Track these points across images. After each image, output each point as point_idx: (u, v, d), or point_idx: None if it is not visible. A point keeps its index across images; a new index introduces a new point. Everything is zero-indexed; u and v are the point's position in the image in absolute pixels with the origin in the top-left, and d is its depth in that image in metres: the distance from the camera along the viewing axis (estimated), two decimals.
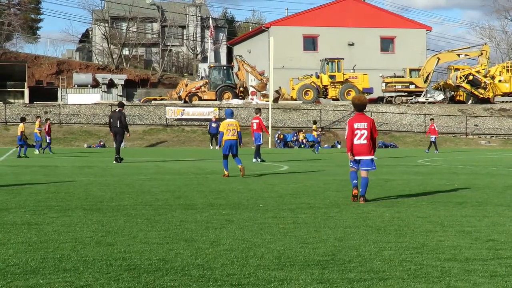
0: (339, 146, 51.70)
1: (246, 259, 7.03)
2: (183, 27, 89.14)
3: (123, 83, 72.65)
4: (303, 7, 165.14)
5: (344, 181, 17.30)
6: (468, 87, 62.55)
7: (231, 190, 14.58)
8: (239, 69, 62.00)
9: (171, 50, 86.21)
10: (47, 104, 58.42)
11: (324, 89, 60.73)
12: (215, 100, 58.74)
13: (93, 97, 67.26)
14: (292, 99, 60.97)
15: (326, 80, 60.17)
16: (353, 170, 12.60)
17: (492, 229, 9.20)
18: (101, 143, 49.05)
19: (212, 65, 65.23)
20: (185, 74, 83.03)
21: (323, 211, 11.09)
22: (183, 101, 59.90)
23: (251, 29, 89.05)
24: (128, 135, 27.22)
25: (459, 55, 65.11)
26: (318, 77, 60.86)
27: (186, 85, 61.77)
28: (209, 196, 13.29)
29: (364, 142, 12.44)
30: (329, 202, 12.46)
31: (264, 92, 60.99)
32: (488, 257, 7.23)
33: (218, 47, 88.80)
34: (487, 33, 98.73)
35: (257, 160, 27.56)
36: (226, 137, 18.77)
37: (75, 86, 71.69)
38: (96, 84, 72.07)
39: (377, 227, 9.30)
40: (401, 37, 71.96)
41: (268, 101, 54.69)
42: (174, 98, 62.36)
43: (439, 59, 63.95)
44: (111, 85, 72.03)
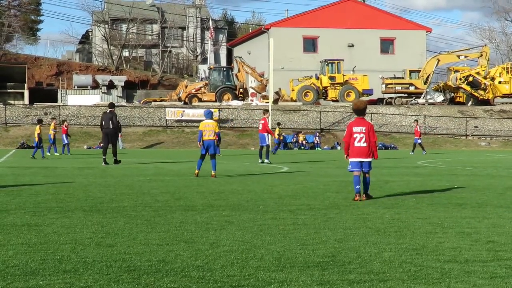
0: (338, 148, 51.69)
1: (246, 260, 7.04)
2: (183, 28, 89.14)
3: (123, 84, 72.65)
4: (303, 8, 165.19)
5: (344, 182, 17.30)
6: (468, 88, 62.62)
7: (231, 192, 14.58)
8: (239, 71, 62.02)
9: (171, 52, 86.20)
10: (47, 105, 58.43)
11: (324, 91, 60.76)
12: (215, 101, 58.76)
13: (93, 98, 67.27)
14: (292, 100, 60.99)
15: (326, 81, 60.20)
16: (357, 174, 13.01)
17: (492, 231, 9.20)
18: (101, 144, 48.95)
19: (212, 67, 65.24)
20: (185, 76, 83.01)
21: (323, 212, 11.09)
22: (183, 102, 59.90)
23: (251, 31, 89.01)
24: (120, 135, 26.52)
25: (459, 56, 65.16)
26: (318, 78, 60.89)
27: (186, 87, 61.78)
28: (209, 197, 13.29)
29: (364, 145, 12.98)
30: (329, 203, 12.47)
31: (264, 93, 61.00)
32: (488, 259, 7.23)
33: (218, 48, 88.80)
34: (487, 34, 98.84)
35: (269, 161, 27.49)
36: (205, 137, 19.06)
37: (75, 87, 71.69)
38: (96, 86, 72.07)
39: (377, 229, 9.30)
40: (401, 38, 71.98)
41: (268, 102, 54.67)
42: (174, 99, 62.38)
43: (439, 60, 63.99)
44: (111, 86, 72.03)
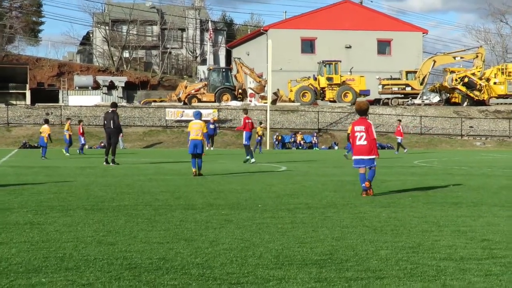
0: (336, 147, 51.74)
1: (245, 258, 7.05)
2: (183, 30, 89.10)
3: (123, 85, 72.58)
4: (301, 10, 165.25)
5: (341, 181, 17.33)
6: (464, 89, 62.65)
7: (230, 191, 14.59)
8: (237, 71, 62.01)
9: (170, 53, 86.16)
10: (48, 105, 58.44)
11: (321, 91, 60.77)
12: (214, 102, 58.75)
13: (94, 99, 67.23)
14: (290, 101, 60.99)
15: (323, 82, 60.20)
16: (362, 172, 13.60)
17: (487, 229, 9.22)
18: (102, 144, 48.98)
19: (211, 68, 65.24)
20: (185, 76, 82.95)
21: (320, 211, 11.10)
22: (182, 103, 59.90)
23: (249, 32, 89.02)
24: (121, 135, 26.34)
25: (454, 57, 65.18)
26: (315, 79, 60.91)
27: (186, 87, 61.79)
28: (208, 197, 13.30)
29: (364, 143, 13.57)
30: (327, 202, 12.48)
31: (262, 94, 61.00)
32: (483, 257, 7.25)
33: (217, 49, 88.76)
34: (482, 36, 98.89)
35: (254, 160, 27.32)
36: (191, 137, 19.47)
37: (76, 88, 71.63)
38: (96, 86, 72.01)
39: (373, 227, 9.31)
40: (397, 39, 71.98)
41: (266, 103, 54.72)
42: (173, 100, 62.36)
43: (435, 61, 64.00)
44: (111, 87, 71.97)
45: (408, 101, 62.65)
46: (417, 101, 62.53)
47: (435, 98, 63.60)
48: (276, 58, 59.80)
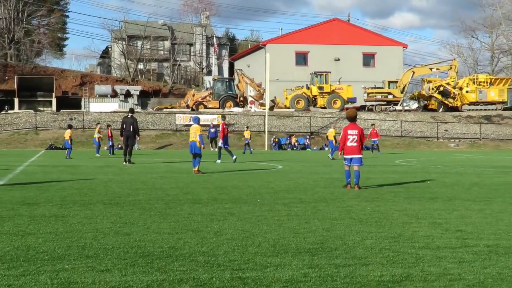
0: (326, 149, 51.66)
1: (246, 247, 7.03)
2: (191, 44, 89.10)
3: (138, 93, 72.55)
4: (295, 27, 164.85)
5: (330, 179, 17.31)
6: (439, 97, 62.66)
7: (232, 187, 14.56)
8: (239, 81, 62.01)
9: (180, 65, 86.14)
10: (72, 111, 58.43)
11: (313, 99, 60.77)
12: (219, 108, 58.75)
13: (112, 105, 67.20)
14: (286, 107, 61.01)
15: (315, 91, 60.22)
16: (347, 168, 14.37)
17: (460, 221, 9.20)
18: (119, 146, 48.93)
19: (216, 78, 65.25)
20: (192, 86, 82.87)
21: (312, 205, 11.08)
22: (190, 109, 59.88)
23: (250, 46, 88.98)
24: (138, 138, 26.28)
25: (431, 69, 65.15)
26: (308, 88, 60.92)
27: (193, 95, 61.78)
28: (213, 192, 13.27)
29: (354, 144, 14.25)
30: (318, 197, 12.45)
31: (261, 101, 60.99)
32: (457, 246, 7.23)
33: (221, 62, 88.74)
34: (455, 49, 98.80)
35: (220, 161, 27.35)
36: (190, 139, 20.18)
37: (96, 96, 71.58)
38: (114, 94, 71.96)
39: (359, 219, 9.29)
40: (380, 53, 71.96)
41: (264, 109, 54.75)
42: (182, 106, 62.31)
43: (414, 72, 63.98)
44: (128, 95, 71.92)
45: (390, 107, 62.64)
46: (398, 107, 62.51)
47: (414, 105, 63.59)
48: (273, 69, 59.79)
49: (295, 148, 51.84)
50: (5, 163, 25.16)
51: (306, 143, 52.66)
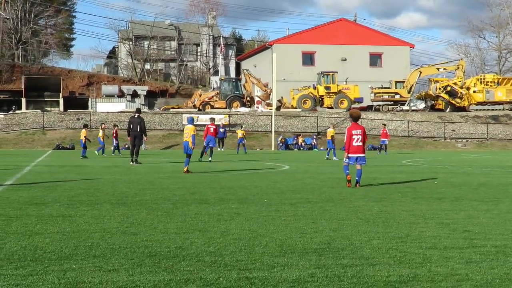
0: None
1: (253, 247, 7.03)
2: (197, 44, 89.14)
3: (145, 93, 72.65)
4: (302, 27, 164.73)
5: (338, 179, 17.28)
6: (446, 97, 62.50)
7: (239, 187, 14.56)
8: (246, 81, 62.02)
9: (187, 65, 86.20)
10: (79, 112, 58.57)
11: (320, 99, 60.74)
12: (225, 108, 58.79)
13: (119, 105, 67.34)
14: (292, 107, 60.98)
15: (322, 91, 60.20)
16: (345, 165, 14.90)
17: (468, 221, 9.17)
18: (126, 146, 49.03)
19: (222, 78, 65.29)
20: (199, 86, 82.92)
21: (319, 205, 11.07)
22: (197, 109, 59.92)
23: (256, 47, 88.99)
24: (145, 138, 26.16)
25: (438, 69, 65.01)
26: (315, 88, 60.90)
27: (200, 95, 61.83)
28: (220, 192, 13.28)
29: (360, 144, 14.69)
30: (325, 197, 12.44)
31: (268, 101, 60.99)
32: (464, 246, 7.21)
33: (228, 62, 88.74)
34: (463, 49, 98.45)
35: (211, 159, 27.91)
36: (184, 139, 20.63)
37: (103, 96, 71.74)
38: (121, 95, 72.09)
39: (366, 219, 9.28)
40: (387, 53, 71.84)
41: (271, 109, 54.72)
42: (189, 106, 62.37)
43: (421, 72, 63.87)
44: (134, 95, 72.04)
45: (397, 107, 62.52)
46: (405, 107, 62.39)
47: (421, 105, 63.46)
48: (280, 69, 59.76)
49: (302, 148, 51.81)
50: (13, 163, 25.24)
51: (313, 143, 52.61)
